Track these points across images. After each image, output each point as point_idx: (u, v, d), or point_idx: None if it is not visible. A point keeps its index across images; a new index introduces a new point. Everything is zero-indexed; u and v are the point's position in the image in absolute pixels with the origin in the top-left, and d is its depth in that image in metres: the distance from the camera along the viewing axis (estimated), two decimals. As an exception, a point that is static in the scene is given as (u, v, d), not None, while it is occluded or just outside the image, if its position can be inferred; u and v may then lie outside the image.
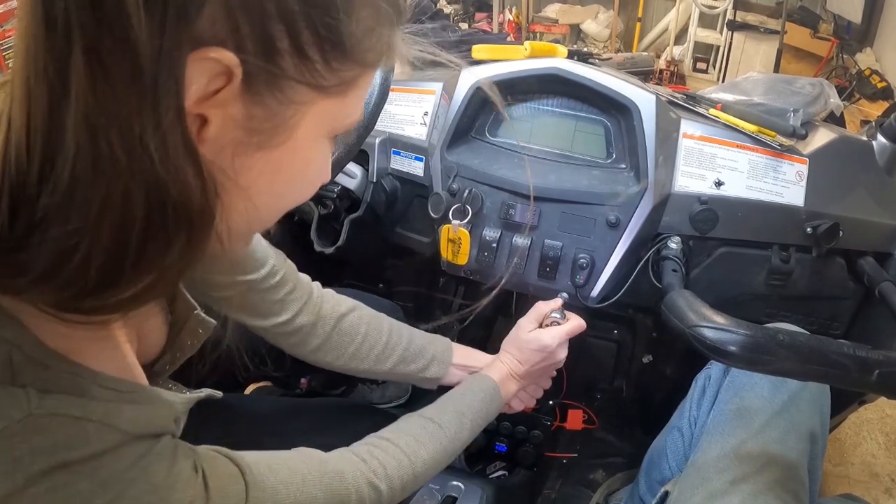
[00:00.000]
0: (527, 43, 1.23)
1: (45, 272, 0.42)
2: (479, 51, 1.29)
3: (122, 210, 0.42)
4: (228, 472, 0.65)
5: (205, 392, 0.74)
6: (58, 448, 0.46)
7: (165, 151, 0.42)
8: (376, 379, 1.32)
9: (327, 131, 0.55)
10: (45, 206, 0.41)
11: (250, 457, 0.69)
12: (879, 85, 4.08)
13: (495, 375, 1.06)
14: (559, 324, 1.11)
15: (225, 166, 0.49)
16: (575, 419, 1.49)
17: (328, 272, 1.71)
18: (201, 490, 0.59)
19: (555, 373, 1.16)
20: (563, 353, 1.10)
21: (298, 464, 0.76)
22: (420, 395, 1.70)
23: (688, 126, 1.16)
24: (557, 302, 1.13)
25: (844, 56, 4.57)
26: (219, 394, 0.79)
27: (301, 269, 1.65)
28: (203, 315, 0.75)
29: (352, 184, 1.25)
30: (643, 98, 1.12)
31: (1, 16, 4.12)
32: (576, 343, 1.13)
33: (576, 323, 1.11)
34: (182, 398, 0.65)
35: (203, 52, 0.42)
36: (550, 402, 1.47)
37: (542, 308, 1.12)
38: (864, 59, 4.38)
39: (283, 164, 0.53)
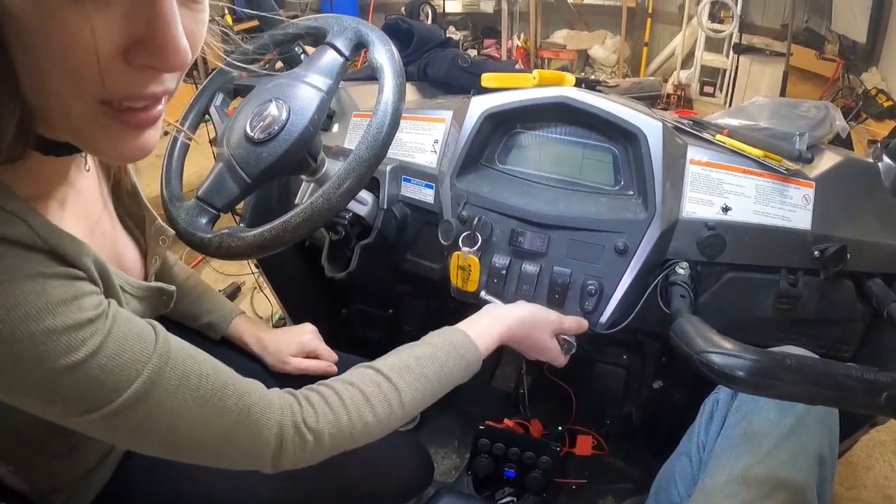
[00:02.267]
0: (535, 71, 1.25)
1: None
2: (488, 79, 1.31)
3: None
4: (140, 330, 0.67)
5: (157, 284, 0.84)
6: None
7: None
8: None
9: None
10: None
11: (177, 338, 0.71)
12: (886, 104, 4.09)
13: (480, 342, 1.00)
14: (566, 345, 1.13)
15: None
16: (584, 445, 1.49)
17: (338, 297, 1.72)
18: (101, 325, 0.63)
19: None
20: (547, 351, 1.11)
21: (226, 372, 0.75)
22: (428, 421, 1.71)
23: (694, 152, 1.17)
24: (584, 326, 1.14)
25: (850, 76, 4.59)
26: (172, 288, 0.87)
27: (311, 294, 1.67)
28: (162, 223, 0.90)
29: (363, 210, 1.27)
30: (650, 125, 1.13)
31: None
32: (585, 368, 1.14)
33: (563, 361, 1.14)
34: (137, 283, 0.79)
35: None
36: (559, 428, 1.47)
37: (564, 323, 1.13)
38: (870, 79, 4.40)
39: (15, 20, 0.50)
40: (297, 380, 1.17)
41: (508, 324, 1.05)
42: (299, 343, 1.21)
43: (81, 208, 0.75)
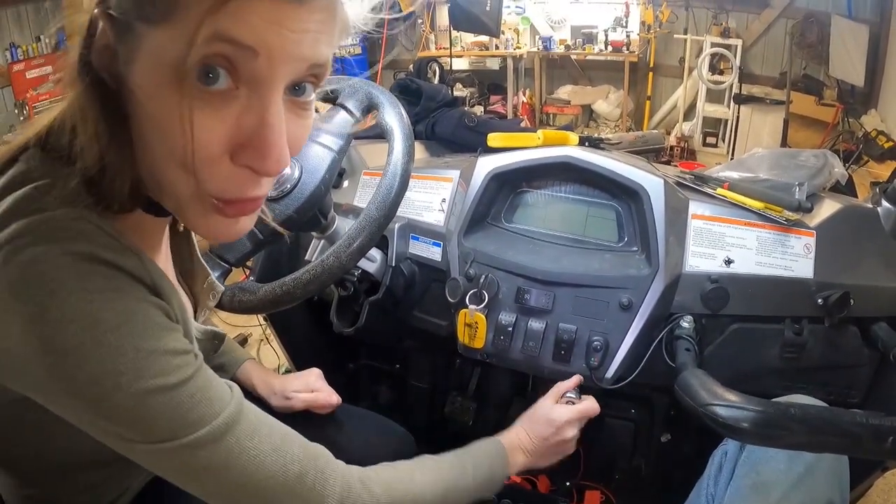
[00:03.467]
0: (540, 131, 1.28)
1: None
2: (494, 139, 1.35)
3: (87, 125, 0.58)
4: (219, 378, 0.70)
5: (211, 328, 0.87)
6: (98, 247, 0.59)
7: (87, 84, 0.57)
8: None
9: (171, 67, 0.53)
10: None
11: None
12: (886, 145, 4.13)
13: (504, 441, 1.07)
14: (573, 403, 1.13)
15: (124, 98, 0.58)
16: (592, 500, 1.47)
17: (346, 351, 1.73)
18: (192, 358, 0.66)
19: (565, 453, 1.14)
20: (571, 432, 1.11)
21: (286, 427, 0.76)
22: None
23: (696, 207, 1.19)
24: (575, 380, 1.15)
25: (850, 120, 4.64)
26: (223, 332, 0.90)
27: (319, 348, 1.68)
28: (214, 280, 0.90)
29: (371, 267, 1.29)
30: (651, 182, 1.16)
31: (35, 80, 4.34)
32: (593, 423, 1.14)
33: (588, 405, 1.13)
34: (197, 325, 0.83)
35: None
36: (567, 483, 1.46)
37: (560, 387, 1.15)
38: (870, 121, 4.44)
39: (138, 100, 0.56)
40: (304, 420, 1.17)
41: (518, 438, 1.10)
42: (305, 382, 1.22)
43: (162, 261, 0.78)
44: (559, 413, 1.10)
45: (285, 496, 0.73)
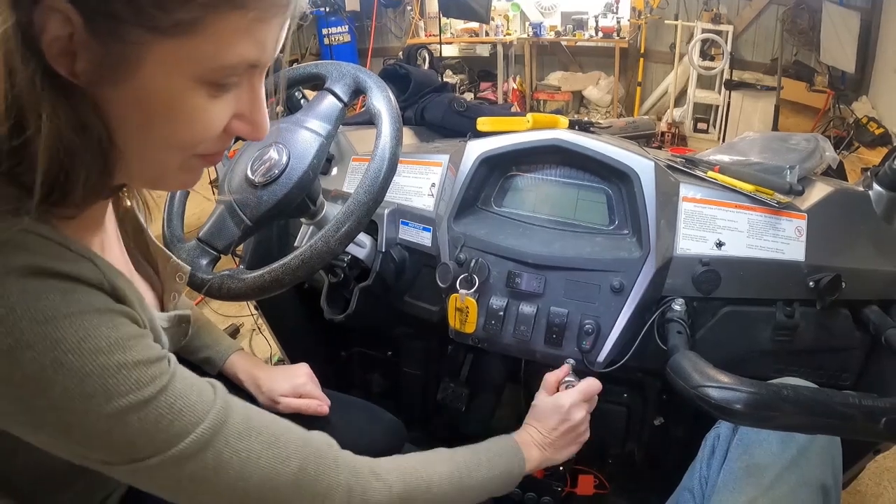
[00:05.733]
0: (529, 115, 1.27)
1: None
2: (483, 123, 1.34)
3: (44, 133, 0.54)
4: (198, 378, 0.68)
5: (175, 312, 0.85)
6: (46, 258, 0.56)
7: (37, 86, 0.53)
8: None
9: (188, 74, 0.56)
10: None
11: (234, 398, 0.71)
12: (877, 131, 4.15)
13: (516, 437, 1.07)
14: (573, 386, 1.12)
15: (99, 96, 0.56)
16: (586, 484, 1.47)
17: (337, 339, 1.73)
18: (166, 365, 0.64)
19: (581, 440, 1.13)
20: (580, 414, 1.10)
21: (281, 420, 0.74)
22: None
23: (687, 189, 1.18)
24: (564, 369, 1.15)
25: (841, 106, 4.65)
26: (188, 312, 0.89)
27: (310, 336, 1.68)
28: (177, 261, 0.89)
29: (361, 253, 1.28)
30: (642, 165, 1.15)
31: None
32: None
33: (589, 382, 1.12)
34: (161, 315, 0.81)
35: (46, 2, 0.50)
36: (560, 468, 1.46)
37: (549, 378, 1.14)
38: (861, 108, 4.46)
39: (142, 100, 0.57)
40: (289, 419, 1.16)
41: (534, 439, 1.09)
42: (292, 385, 1.20)
43: (110, 250, 0.76)
44: (563, 398, 1.10)
45: (288, 493, 0.71)
